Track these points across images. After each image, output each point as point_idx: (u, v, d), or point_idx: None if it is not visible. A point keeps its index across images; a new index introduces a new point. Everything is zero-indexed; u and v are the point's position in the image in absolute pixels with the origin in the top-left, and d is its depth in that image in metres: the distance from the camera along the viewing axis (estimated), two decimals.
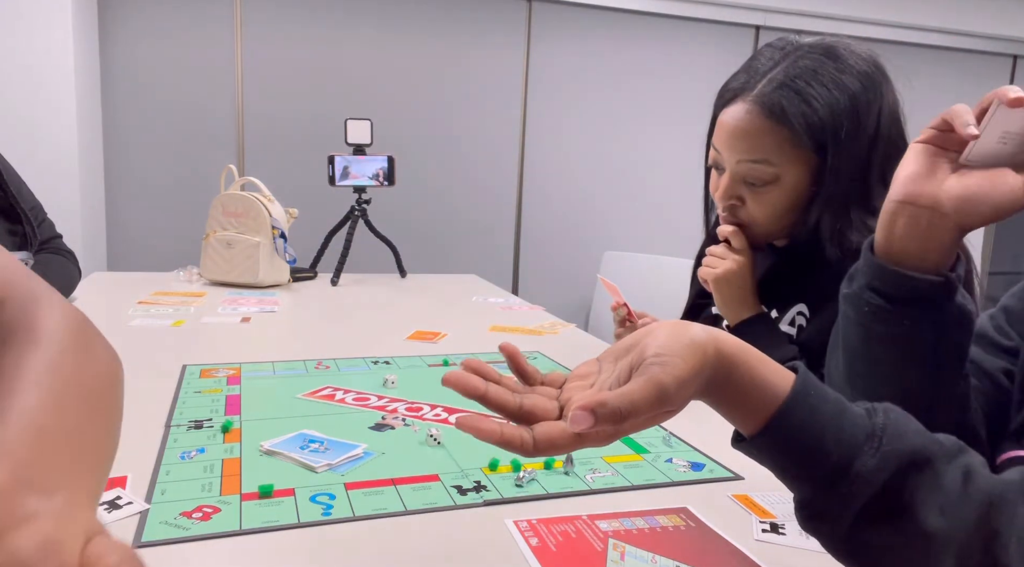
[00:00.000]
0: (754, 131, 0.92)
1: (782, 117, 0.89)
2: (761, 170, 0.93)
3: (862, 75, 0.90)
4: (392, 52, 3.07)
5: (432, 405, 0.89)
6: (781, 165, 0.92)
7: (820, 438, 0.43)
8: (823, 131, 0.89)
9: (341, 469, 0.69)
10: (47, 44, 2.38)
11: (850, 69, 0.90)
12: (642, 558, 0.55)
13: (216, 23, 2.88)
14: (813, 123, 0.88)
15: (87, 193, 2.58)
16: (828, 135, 0.89)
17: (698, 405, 0.47)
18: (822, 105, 0.88)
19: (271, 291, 1.73)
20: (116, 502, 0.60)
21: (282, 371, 1.03)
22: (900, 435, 0.43)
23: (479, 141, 3.25)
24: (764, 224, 0.98)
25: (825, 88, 0.89)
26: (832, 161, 0.89)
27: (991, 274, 4.15)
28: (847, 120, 0.88)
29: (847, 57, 0.91)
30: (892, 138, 0.92)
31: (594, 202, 3.41)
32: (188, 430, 0.78)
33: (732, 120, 0.94)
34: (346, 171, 1.94)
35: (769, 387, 0.45)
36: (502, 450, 0.42)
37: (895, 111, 0.94)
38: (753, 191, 0.96)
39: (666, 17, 3.37)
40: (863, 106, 0.89)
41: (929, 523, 0.42)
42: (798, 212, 0.96)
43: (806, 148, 0.90)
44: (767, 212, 0.96)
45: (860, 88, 0.89)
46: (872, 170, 0.91)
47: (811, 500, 0.45)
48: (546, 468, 0.71)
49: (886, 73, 0.94)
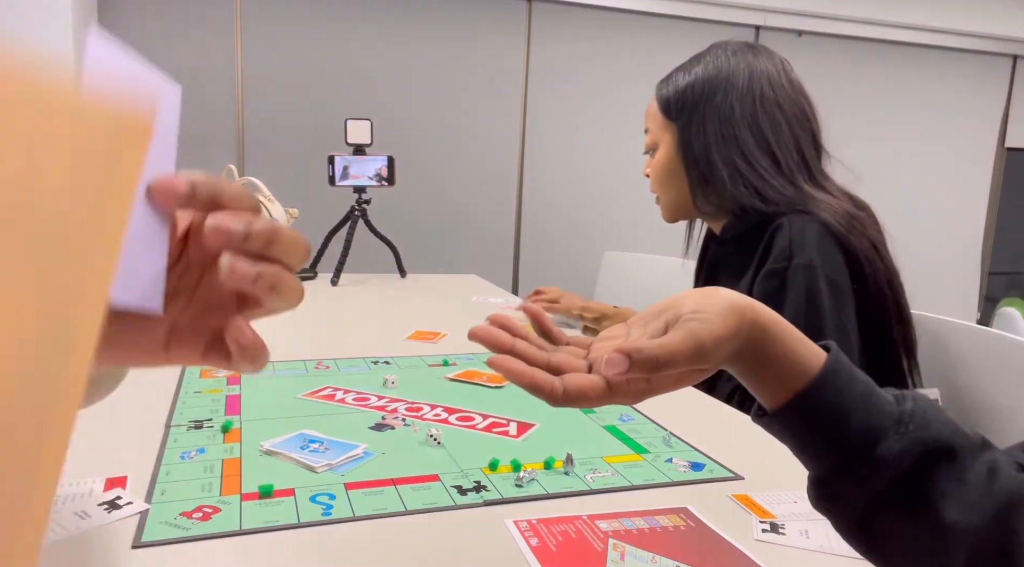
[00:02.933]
0: (647, 110, 1.21)
1: (656, 95, 1.19)
2: (648, 139, 1.20)
3: (714, 60, 1.12)
4: (392, 52, 3.07)
5: (432, 405, 0.89)
6: (657, 134, 1.18)
7: (846, 418, 0.43)
8: (669, 102, 1.15)
9: (341, 469, 0.69)
10: (47, 44, 2.38)
11: (708, 59, 1.13)
12: (642, 558, 0.55)
13: (216, 23, 2.88)
14: (667, 95, 1.15)
15: None
16: (673, 106, 1.14)
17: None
18: (673, 84, 1.15)
19: None
20: (116, 502, 0.60)
21: (282, 371, 1.03)
22: (927, 423, 0.43)
23: (479, 141, 3.24)
24: (660, 190, 1.21)
25: (679, 72, 1.17)
26: (682, 125, 1.13)
27: (991, 274, 4.15)
28: (689, 93, 1.12)
29: (716, 51, 1.13)
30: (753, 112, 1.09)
31: (594, 202, 3.41)
32: (188, 430, 0.78)
33: None
34: (346, 171, 1.94)
35: (800, 362, 0.44)
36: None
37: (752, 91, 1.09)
38: (651, 158, 1.21)
39: (666, 17, 3.36)
40: (701, 83, 1.11)
41: (947, 515, 0.41)
42: (680, 181, 1.15)
43: (667, 118, 1.15)
44: (654, 176, 1.20)
45: (703, 71, 1.12)
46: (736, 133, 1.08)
47: (828, 479, 0.44)
48: (546, 468, 0.71)
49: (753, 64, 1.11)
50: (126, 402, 0.88)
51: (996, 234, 4.10)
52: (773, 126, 1.08)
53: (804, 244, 0.99)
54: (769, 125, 1.08)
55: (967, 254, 4.01)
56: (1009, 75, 3.95)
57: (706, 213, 1.18)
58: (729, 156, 1.08)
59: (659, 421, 0.87)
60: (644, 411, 0.90)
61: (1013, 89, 3.97)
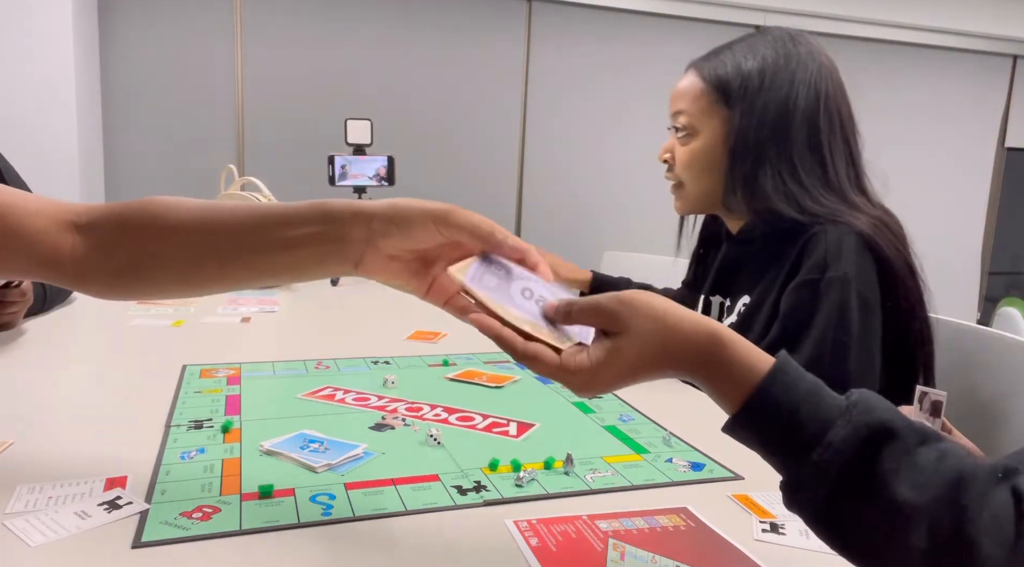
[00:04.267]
0: (681, 89, 1.09)
1: (699, 70, 1.06)
2: (681, 121, 1.07)
3: (779, 46, 1.02)
4: (392, 52, 3.07)
5: (432, 405, 0.89)
6: (697, 117, 1.05)
7: (796, 413, 0.47)
8: (728, 85, 1.02)
9: (341, 469, 0.69)
10: (47, 44, 2.38)
11: (769, 43, 1.03)
12: (642, 558, 0.55)
13: (216, 23, 2.88)
14: (725, 77, 1.02)
15: (87, 193, 2.58)
16: (734, 89, 1.01)
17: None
18: (732, 64, 1.03)
19: (271, 291, 1.73)
20: (116, 502, 0.60)
21: (282, 371, 1.03)
22: (871, 409, 0.46)
23: (479, 141, 3.24)
24: (690, 178, 1.08)
25: (736, 53, 1.04)
26: (740, 112, 1.01)
27: (991, 274, 4.15)
28: (754, 78, 1.01)
29: (776, 36, 1.04)
30: (815, 108, 1.01)
31: (594, 202, 3.41)
32: (188, 430, 0.78)
33: (675, 85, 1.11)
34: (346, 171, 1.94)
35: (750, 366, 0.49)
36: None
37: (818, 86, 1.01)
38: (678, 144, 1.09)
39: (666, 17, 3.37)
40: (771, 70, 1.01)
41: (900, 494, 0.43)
42: (718, 174, 1.05)
43: (719, 103, 1.03)
44: (686, 162, 1.08)
45: (772, 55, 1.01)
46: (790, 130, 1.00)
47: (792, 476, 0.47)
48: (546, 468, 0.71)
49: (816, 56, 1.03)
50: (126, 402, 0.88)
51: (996, 234, 4.10)
52: (830, 127, 1.01)
53: (840, 256, 0.94)
54: (827, 126, 1.00)
55: (967, 254, 4.01)
56: (1009, 75, 3.96)
57: (733, 210, 1.08)
58: (779, 158, 1.00)
59: (659, 421, 0.87)
60: (644, 411, 0.90)
61: (1013, 89, 3.97)
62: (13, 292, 1.16)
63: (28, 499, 0.60)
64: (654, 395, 0.99)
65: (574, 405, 0.92)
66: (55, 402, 0.87)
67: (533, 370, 0.53)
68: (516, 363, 0.56)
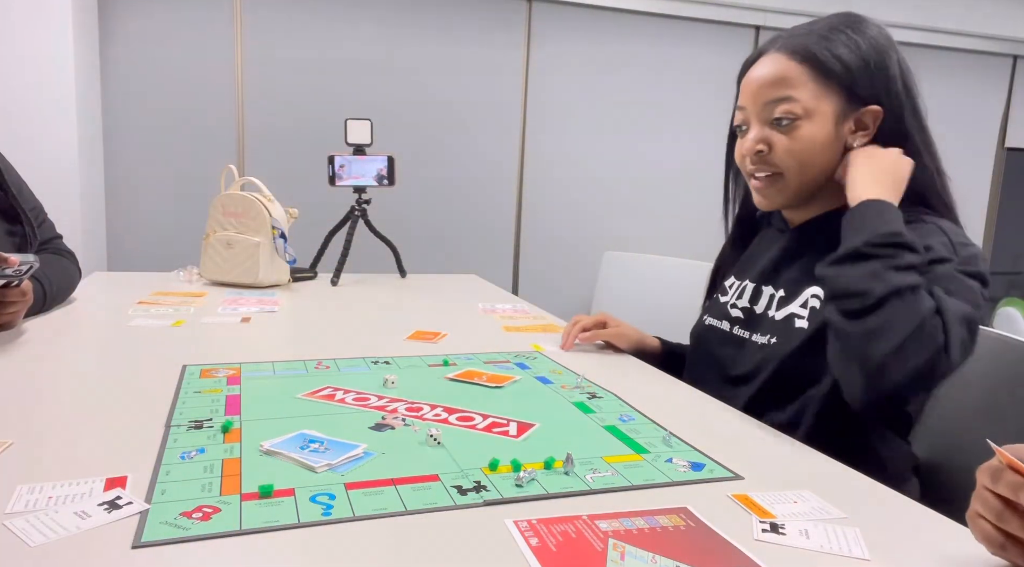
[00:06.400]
0: (778, 72, 0.98)
1: (806, 54, 0.96)
2: (788, 106, 0.97)
3: (876, 30, 0.99)
4: (392, 52, 3.07)
5: (432, 405, 0.89)
6: (808, 99, 0.96)
7: None
8: (847, 65, 0.95)
9: (341, 469, 0.69)
10: (47, 44, 2.38)
11: (866, 27, 0.99)
12: (642, 558, 0.55)
13: (216, 23, 2.88)
14: (838, 55, 0.96)
15: (87, 193, 2.58)
16: (855, 71, 0.96)
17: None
18: (843, 44, 0.96)
19: (271, 291, 1.73)
20: (116, 502, 0.60)
21: (282, 371, 1.03)
22: None
23: (479, 141, 3.24)
24: (796, 167, 0.99)
25: (844, 34, 0.97)
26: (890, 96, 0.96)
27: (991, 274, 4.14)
28: (873, 57, 0.96)
29: (858, 17, 1.00)
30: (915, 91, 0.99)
31: (594, 202, 3.41)
32: (188, 430, 0.78)
33: (756, 72, 1.00)
34: (346, 171, 1.94)
35: None
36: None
37: (908, 64, 1.00)
38: (782, 131, 0.98)
39: (666, 17, 3.37)
40: (883, 49, 0.97)
41: None
42: (827, 158, 0.98)
43: (833, 83, 0.96)
44: (798, 149, 0.98)
45: (877, 34, 0.98)
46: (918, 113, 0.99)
47: None
48: (546, 468, 0.71)
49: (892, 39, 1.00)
50: (126, 402, 0.88)
51: (996, 234, 4.10)
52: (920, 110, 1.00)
53: (966, 241, 0.94)
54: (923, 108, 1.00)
55: None
56: (1009, 75, 3.95)
57: (820, 199, 1.03)
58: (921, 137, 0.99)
59: (659, 421, 0.87)
60: (644, 411, 0.90)
61: (1013, 89, 3.97)
62: (13, 292, 1.16)
63: (28, 499, 0.60)
64: (654, 395, 0.99)
65: (574, 405, 0.92)
66: (55, 402, 0.87)
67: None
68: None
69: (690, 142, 3.41)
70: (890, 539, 0.60)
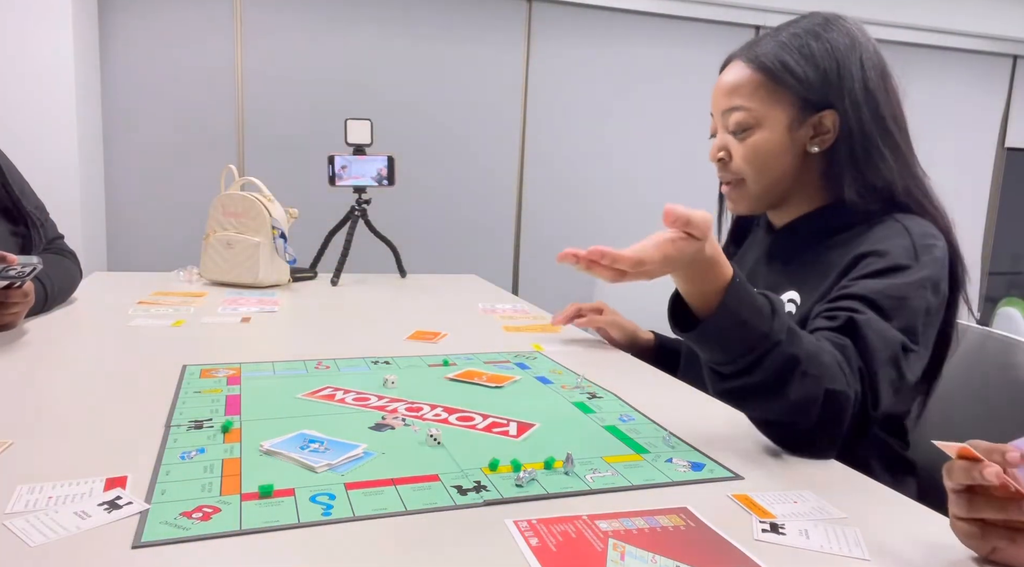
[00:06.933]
0: (735, 80, 1.00)
1: (759, 64, 0.98)
2: (740, 116, 0.99)
3: (841, 33, 0.97)
4: (392, 52, 3.08)
5: (432, 405, 0.89)
6: (759, 109, 0.98)
7: None
8: (797, 76, 0.96)
9: (341, 469, 0.69)
10: (47, 44, 2.38)
11: (831, 29, 0.97)
12: (642, 558, 0.55)
13: (216, 23, 2.88)
14: (789, 66, 0.96)
15: (87, 193, 2.58)
16: (807, 79, 0.95)
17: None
18: (799, 51, 0.96)
19: (271, 291, 1.73)
20: (116, 502, 0.60)
21: (282, 371, 1.03)
22: None
23: (479, 141, 3.25)
24: (753, 174, 1.00)
25: (803, 40, 0.97)
26: (846, 100, 0.95)
27: (991, 274, 4.15)
28: (828, 63, 0.95)
29: (826, 18, 0.99)
30: (885, 88, 0.99)
31: (594, 202, 3.41)
32: (188, 430, 0.78)
33: (721, 80, 1.03)
34: (346, 171, 1.94)
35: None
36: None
37: (880, 64, 0.99)
38: (737, 140, 1.01)
39: (666, 17, 3.37)
40: (843, 54, 0.96)
41: None
42: (784, 163, 0.99)
43: (779, 90, 0.97)
44: (750, 157, 1.00)
45: (839, 37, 0.97)
46: (881, 114, 0.97)
47: None
48: (546, 468, 0.71)
49: (866, 36, 0.99)
50: (126, 402, 0.88)
51: (996, 234, 4.10)
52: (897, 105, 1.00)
53: (932, 241, 0.93)
54: (897, 104, 1.00)
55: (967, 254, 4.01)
56: (1009, 75, 3.96)
57: (794, 203, 1.04)
58: (885, 138, 0.97)
59: (659, 421, 0.87)
60: (644, 411, 0.90)
61: (1013, 89, 3.97)
62: (15, 293, 1.16)
63: (28, 499, 0.60)
64: (654, 395, 0.99)
65: (574, 405, 0.92)
66: (55, 402, 0.87)
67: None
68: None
69: (690, 142, 3.42)
70: (890, 539, 0.60)
